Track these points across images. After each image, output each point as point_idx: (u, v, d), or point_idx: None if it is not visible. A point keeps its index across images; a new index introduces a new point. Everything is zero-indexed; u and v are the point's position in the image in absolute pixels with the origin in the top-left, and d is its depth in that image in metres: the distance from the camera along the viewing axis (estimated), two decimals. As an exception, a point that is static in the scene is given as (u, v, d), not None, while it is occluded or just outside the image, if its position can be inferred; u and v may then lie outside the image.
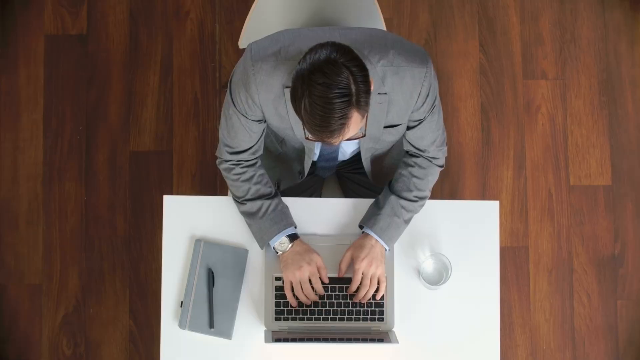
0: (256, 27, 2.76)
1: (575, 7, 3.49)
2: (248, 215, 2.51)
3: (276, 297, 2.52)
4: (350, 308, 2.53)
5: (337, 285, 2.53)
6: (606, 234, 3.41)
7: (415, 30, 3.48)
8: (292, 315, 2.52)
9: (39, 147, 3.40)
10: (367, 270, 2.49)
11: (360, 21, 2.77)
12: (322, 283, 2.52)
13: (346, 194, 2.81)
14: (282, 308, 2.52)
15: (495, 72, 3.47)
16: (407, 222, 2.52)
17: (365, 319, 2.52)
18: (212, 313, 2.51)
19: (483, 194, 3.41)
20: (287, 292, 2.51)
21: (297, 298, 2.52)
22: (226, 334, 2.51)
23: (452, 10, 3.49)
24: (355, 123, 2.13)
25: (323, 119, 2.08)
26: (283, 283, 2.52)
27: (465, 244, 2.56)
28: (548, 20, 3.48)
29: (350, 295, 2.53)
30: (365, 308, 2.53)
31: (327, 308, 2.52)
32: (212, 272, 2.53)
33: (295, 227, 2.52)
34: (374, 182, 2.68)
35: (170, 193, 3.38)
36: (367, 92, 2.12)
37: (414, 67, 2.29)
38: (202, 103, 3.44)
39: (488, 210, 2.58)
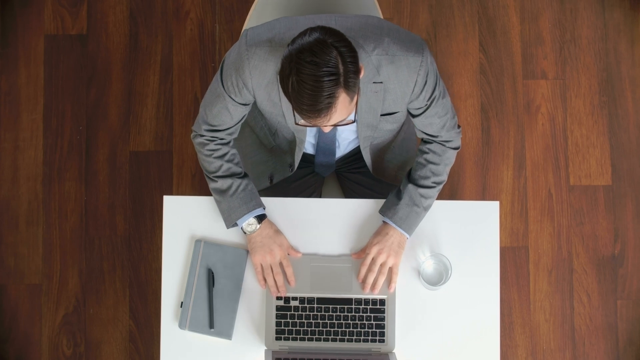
0: (256, 27, 2.76)
1: (575, 7, 3.49)
2: (218, 193, 2.51)
3: (277, 317, 2.50)
4: (351, 329, 2.50)
5: (337, 306, 2.51)
6: (606, 234, 3.40)
7: (415, 30, 3.48)
8: (292, 335, 2.50)
9: (39, 147, 3.40)
10: (377, 256, 2.49)
11: (360, 21, 2.77)
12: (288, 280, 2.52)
13: (346, 194, 2.81)
14: (282, 328, 2.50)
15: (495, 72, 3.46)
16: (426, 209, 2.52)
17: (365, 340, 2.49)
18: (212, 313, 2.51)
19: (483, 194, 3.41)
20: (259, 275, 2.50)
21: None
22: (226, 334, 2.51)
23: (452, 10, 3.49)
24: (343, 104, 2.13)
25: (310, 97, 2.09)
26: (253, 266, 2.51)
27: (465, 244, 2.56)
28: (548, 20, 3.48)
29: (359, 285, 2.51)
30: (367, 329, 2.50)
31: (328, 328, 2.50)
32: (212, 272, 2.53)
33: (264, 209, 2.52)
34: (375, 174, 2.68)
35: (170, 193, 3.38)
36: (356, 73, 2.12)
37: (409, 56, 2.29)
38: (202, 103, 3.44)
39: (488, 210, 2.58)
